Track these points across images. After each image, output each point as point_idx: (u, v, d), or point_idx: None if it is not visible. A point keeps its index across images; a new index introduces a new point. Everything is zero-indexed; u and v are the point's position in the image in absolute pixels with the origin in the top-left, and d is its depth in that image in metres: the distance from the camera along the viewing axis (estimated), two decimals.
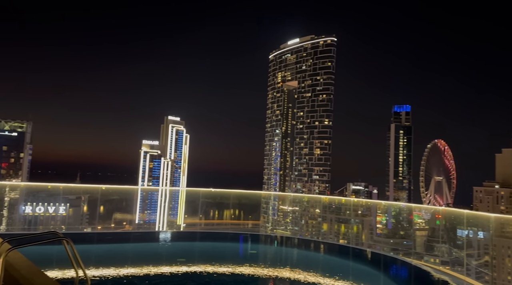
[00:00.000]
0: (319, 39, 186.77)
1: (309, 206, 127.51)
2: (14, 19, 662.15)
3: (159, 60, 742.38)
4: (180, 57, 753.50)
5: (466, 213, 27.75)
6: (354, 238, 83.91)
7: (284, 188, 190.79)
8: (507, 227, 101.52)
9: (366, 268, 23.56)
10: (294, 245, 29.54)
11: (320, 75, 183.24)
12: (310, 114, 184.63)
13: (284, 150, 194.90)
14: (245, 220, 37.20)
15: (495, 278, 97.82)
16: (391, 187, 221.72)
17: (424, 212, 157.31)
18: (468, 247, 38.31)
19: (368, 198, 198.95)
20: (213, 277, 20.77)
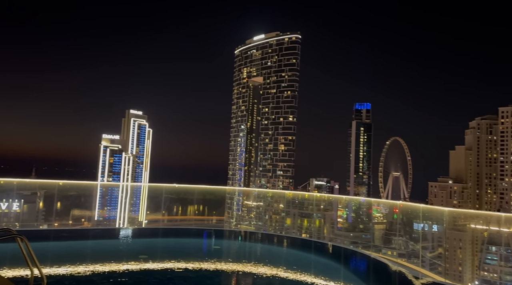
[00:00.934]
0: (284, 36, 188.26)
1: (273, 201, 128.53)
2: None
3: (121, 55, 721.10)
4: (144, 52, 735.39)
5: (422, 207, 29.00)
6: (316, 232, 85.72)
7: (249, 183, 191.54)
8: (459, 221, 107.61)
9: (327, 261, 24.13)
10: (258, 240, 29.73)
11: (285, 71, 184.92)
12: (275, 110, 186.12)
13: (249, 146, 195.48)
14: (209, 216, 37.00)
15: (447, 269, 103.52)
16: (351, 182, 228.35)
17: (382, 206, 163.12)
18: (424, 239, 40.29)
19: (330, 193, 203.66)
20: (176, 273, 20.53)
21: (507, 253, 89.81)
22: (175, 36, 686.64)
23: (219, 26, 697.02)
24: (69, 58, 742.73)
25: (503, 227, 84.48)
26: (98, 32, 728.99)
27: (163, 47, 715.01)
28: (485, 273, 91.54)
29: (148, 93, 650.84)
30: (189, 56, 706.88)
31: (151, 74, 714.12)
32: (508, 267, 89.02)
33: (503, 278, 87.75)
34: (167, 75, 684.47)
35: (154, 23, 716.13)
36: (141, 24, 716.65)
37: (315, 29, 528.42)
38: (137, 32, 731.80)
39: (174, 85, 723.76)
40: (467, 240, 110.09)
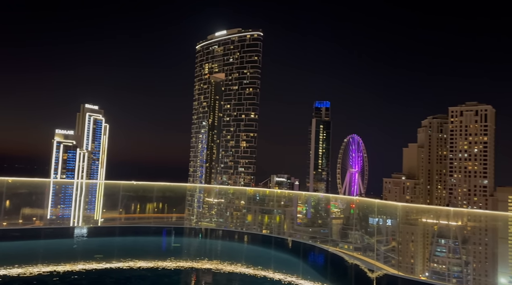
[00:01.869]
0: (246, 33, 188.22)
1: (234, 198, 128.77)
2: None
3: (76, 47, 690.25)
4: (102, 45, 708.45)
5: (377, 203, 29.95)
6: (277, 228, 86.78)
7: (210, 180, 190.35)
8: (412, 215, 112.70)
9: (287, 256, 24.50)
10: (218, 237, 29.64)
11: (247, 68, 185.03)
12: (237, 107, 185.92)
13: (211, 143, 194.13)
14: (169, 213, 36.37)
15: (400, 262, 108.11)
16: (311, 179, 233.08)
17: (340, 202, 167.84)
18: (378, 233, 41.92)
19: (290, 189, 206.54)
20: (134, 272, 20.08)
21: (454, 246, 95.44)
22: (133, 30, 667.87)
23: (180, 20, 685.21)
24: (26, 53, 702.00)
25: (452, 221, 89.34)
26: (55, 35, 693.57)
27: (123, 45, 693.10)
28: (434, 264, 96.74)
29: (105, 88, 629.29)
30: (149, 51, 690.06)
31: (108, 67, 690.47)
32: (455, 258, 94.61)
33: (451, 269, 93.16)
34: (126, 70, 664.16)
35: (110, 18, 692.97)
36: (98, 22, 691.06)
37: (277, 27, 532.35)
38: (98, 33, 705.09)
39: (133, 80, 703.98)
40: (419, 234, 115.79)
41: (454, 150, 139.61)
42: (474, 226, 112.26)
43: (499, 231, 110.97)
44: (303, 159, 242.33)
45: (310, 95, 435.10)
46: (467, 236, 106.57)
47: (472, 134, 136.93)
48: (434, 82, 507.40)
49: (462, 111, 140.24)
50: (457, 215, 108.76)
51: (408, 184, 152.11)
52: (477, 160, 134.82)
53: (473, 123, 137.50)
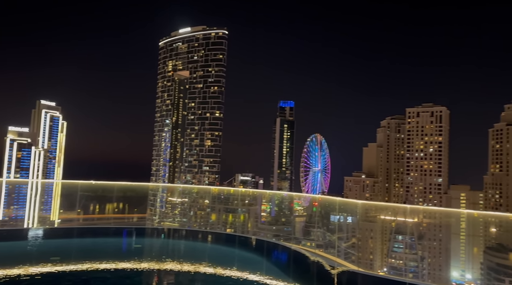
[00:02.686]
0: (210, 31, 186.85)
1: (198, 197, 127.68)
2: None
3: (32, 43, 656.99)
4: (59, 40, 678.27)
5: (338, 201, 30.64)
6: (241, 227, 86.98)
7: (174, 179, 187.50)
8: (371, 212, 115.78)
9: (250, 255, 24.59)
10: (182, 236, 29.28)
11: (212, 67, 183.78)
12: (202, 105, 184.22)
13: (174, 141, 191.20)
14: (130, 214, 35.49)
15: (360, 258, 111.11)
16: (275, 178, 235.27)
17: (303, 200, 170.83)
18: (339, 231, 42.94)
19: (255, 188, 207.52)
20: (93, 274, 19.44)
21: (411, 242, 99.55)
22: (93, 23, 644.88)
23: (143, 15, 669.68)
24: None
25: (408, 218, 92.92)
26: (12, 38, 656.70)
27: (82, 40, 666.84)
28: (392, 260, 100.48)
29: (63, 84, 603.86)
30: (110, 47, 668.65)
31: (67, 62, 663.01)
32: (412, 254, 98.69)
33: (407, 264, 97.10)
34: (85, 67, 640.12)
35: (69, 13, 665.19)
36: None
37: (241, 25, 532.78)
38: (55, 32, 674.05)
39: (93, 77, 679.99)
40: (378, 230, 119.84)
41: (411, 150, 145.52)
42: (429, 222, 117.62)
43: (452, 227, 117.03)
44: (267, 158, 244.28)
45: (275, 95, 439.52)
46: (423, 232, 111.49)
47: (428, 134, 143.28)
48: (393, 83, 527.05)
49: (418, 112, 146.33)
50: (414, 212, 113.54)
51: (368, 182, 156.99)
52: (432, 159, 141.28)
53: (429, 124, 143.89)
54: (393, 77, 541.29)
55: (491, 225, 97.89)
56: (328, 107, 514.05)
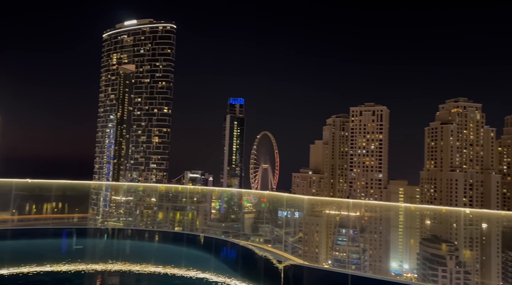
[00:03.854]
0: (158, 24, 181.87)
1: (144, 195, 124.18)
2: None
3: None
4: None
5: (286, 196, 31.28)
6: (190, 225, 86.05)
7: (118, 177, 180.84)
8: (317, 207, 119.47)
9: (199, 253, 24.40)
10: (127, 236, 28.34)
11: (160, 61, 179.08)
12: (149, 101, 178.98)
13: (119, 138, 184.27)
14: (70, 214, 33.77)
15: (306, 251, 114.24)
16: (225, 175, 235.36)
17: (252, 197, 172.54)
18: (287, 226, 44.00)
19: (204, 185, 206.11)
20: (30, 277, 18.28)
21: (353, 235, 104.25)
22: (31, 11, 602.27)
23: (86, 5, 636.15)
24: None
25: (351, 212, 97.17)
26: None
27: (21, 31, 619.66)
28: (336, 253, 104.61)
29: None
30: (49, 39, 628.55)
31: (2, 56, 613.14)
32: (354, 246, 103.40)
33: (350, 256, 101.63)
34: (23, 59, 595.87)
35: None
36: None
37: (191, 20, 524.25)
38: None
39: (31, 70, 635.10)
40: (323, 225, 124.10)
41: (354, 147, 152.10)
42: (371, 216, 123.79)
43: (391, 220, 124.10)
44: (217, 155, 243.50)
45: (225, 92, 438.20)
46: (365, 225, 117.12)
47: (370, 132, 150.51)
48: (338, 82, 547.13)
49: (361, 111, 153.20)
50: (356, 206, 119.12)
51: (314, 178, 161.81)
52: (374, 156, 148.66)
53: (371, 122, 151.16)
54: (339, 76, 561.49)
55: (426, 218, 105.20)
56: (277, 105, 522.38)
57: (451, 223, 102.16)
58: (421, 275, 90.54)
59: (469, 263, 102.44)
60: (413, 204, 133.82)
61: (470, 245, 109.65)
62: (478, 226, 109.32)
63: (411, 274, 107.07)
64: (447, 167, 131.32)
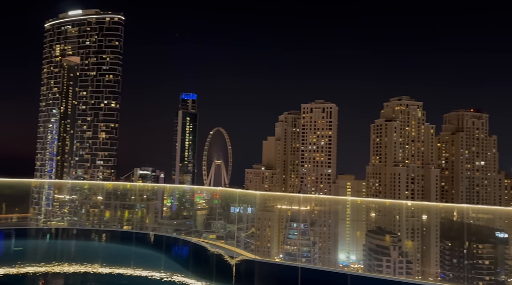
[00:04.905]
0: (105, 15, 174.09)
1: (91, 193, 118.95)
2: None
3: None
4: None
5: (238, 192, 31.42)
6: (139, 223, 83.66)
7: (62, 175, 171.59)
8: (269, 202, 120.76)
9: (148, 252, 23.87)
10: (72, 236, 27.08)
11: (107, 53, 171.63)
12: (95, 95, 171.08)
13: (63, 133, 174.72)
14: (8, 214, 31.61)
15: (258, 246, 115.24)
16: (177, 171, 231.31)
17: (205, 193, 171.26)
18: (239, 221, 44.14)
19: (155, 182, 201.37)
20: None
21: (304, 228, 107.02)
22: None
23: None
24: None
25: (302, 206, 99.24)
26: None
27: None
28: (288, 246, 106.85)
29: None
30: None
31: None
32: (305, 240, 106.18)
33: (301, 249, 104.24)
34: None
35: None
36: None
37: (141, 12, 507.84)
38: None
39: None
40: (275, 219, 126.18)
41: (305, 143, 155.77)
42: (320, 209, 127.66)
43: (339, 214, 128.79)
44: (169, 151, 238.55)
45: (177, 87, 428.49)
46: (315, 219, 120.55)
47: (320, 129, 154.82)
48: (291, 79, 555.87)
49: (312, 108, 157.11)
50: (306, 200, 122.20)
51: (267, 174, 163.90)
52: (323, 151, 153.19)
53: (321, 119, 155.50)
54: (291, 73, 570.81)
55: (372, 211, 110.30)
56: (231, 101, 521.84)
57: (394, 215, 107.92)
58: (367, 265, 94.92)
59: (411, 252, 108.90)
60: (360, 198, 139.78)
61: (411, 236, 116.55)
62: (419, 217, 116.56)
63: (357, 265, 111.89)
64: (391, 162, 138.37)
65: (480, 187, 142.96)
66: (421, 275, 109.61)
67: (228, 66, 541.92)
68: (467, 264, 78.64)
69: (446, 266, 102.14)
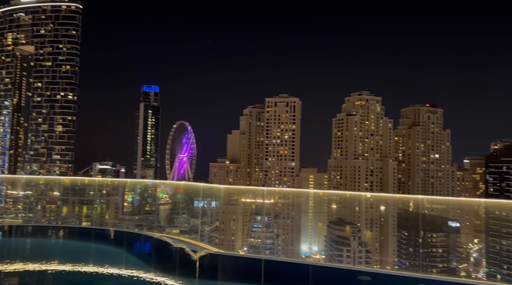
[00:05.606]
0: (61, 3, 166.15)
1: (47, 189, 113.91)
2: None
3: None
4: None
5: (202, 186, 31.31)
6: (99, 219, 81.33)
7: (16, 170, 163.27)
8: (233, 196, 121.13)
9: (109, 248, 23.31)
10: (27, 234, 25.98)
11: (63, 43, 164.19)
12: (51, 86, 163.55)
13: (16, 126, 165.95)
14: None
15: (222, 240, 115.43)
16: (138, 165, 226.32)
17: (168, 188, 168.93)
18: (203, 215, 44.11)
19: (116, 177, 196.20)
20: None
21: (268, 221, 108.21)
22: None
23: None
24: None
25: (266, 199, 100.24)
26: None
27: None
28: (252, 239, 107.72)
29: None
30: None
31: None
32: (268, 232, 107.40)
33: (264, 242, 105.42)
34: None
35: None
36: None
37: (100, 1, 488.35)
38: None
39: None
40: (239, 213, 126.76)
41: (269, 137, 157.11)
42: (284, 202, 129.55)
43: (302, 206, 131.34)
44: (130, 145, 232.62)
45: (139, 79, 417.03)
46: (278, 212, 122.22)
47: (284, 123, 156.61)
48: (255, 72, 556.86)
49: (276, 102, 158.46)
50: (270, 193, 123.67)
51: (231, 168, 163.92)
52: (287, 145, 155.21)
53: (285, 113, 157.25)
54: (255, 67, 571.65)
55: (333, 202, 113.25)
56: (194, 94, 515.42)
57: (354, 206, 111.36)
58: (328, 256, 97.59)
59: (370, 242, 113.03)
60: (322, 190, 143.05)
61: (370, 226, 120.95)
62: (377, 209, 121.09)
63: (319, 255, 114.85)
64: (351, 155, 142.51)
65: (435, 179, 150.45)
66: (379, 264, 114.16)
67: (192, 59, 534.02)
68: (422, 252, 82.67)
69: (402, 255, 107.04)
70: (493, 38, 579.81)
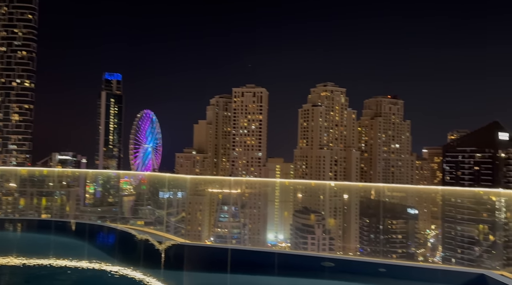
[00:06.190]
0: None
1: (3, 180, 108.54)
2: None
3: None
4: None
5: (168, 177, 30.79)
6: (59, 211, 78.63)
7: None
8: (200, 186, 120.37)
9: (70, 241, 22.57)
10: None
11: (19, 27, 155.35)
12: (6, 73, 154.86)
13: None
14: None
15: (189, 231, 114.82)
16: (100, 156, 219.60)
17: (132, 178, 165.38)
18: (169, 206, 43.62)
19: (77, 167, 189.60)
20: None
21: (234, 211, 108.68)
22: None
23: None
24: None
25: (233, 189, 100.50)
26: None
27: None
28: (218, 229, 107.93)
29: None
30: None
31: None
32: (235, 222, 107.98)
33: (231, 231, 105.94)
34: None
35: None
36: None
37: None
38: None
39: None
40: (206, 203, 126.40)
41: (237, 127, 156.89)
42: (251, 192, 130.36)
43: (268, 195, 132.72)
44: (92, 135, 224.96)
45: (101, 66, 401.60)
46: (245, 201, 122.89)
47: (251, 113, 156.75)
48: (220, 62, 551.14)
49: (243, 92, 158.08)
50: (237, 183, 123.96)
51: (198, 158, 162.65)
52: (254, 135, 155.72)
53: (252, 103, 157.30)
54: (222, 56, 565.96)
55: (299, 192, 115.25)
56: (159, 82, 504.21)
57: (319, 195, 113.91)
58: (293, 243, 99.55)
59: (334, 230, 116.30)
60: (288, 179, 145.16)
61: (334, 214, 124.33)
62: (341, 197, 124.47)
63: (285, 244, 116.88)
64: (317, 145, 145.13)
65: (395, 168, 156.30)
66: (342, 250, 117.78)
67: (158, 47, 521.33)
68: (382, 239, 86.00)
69: (364, 241, 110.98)
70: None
